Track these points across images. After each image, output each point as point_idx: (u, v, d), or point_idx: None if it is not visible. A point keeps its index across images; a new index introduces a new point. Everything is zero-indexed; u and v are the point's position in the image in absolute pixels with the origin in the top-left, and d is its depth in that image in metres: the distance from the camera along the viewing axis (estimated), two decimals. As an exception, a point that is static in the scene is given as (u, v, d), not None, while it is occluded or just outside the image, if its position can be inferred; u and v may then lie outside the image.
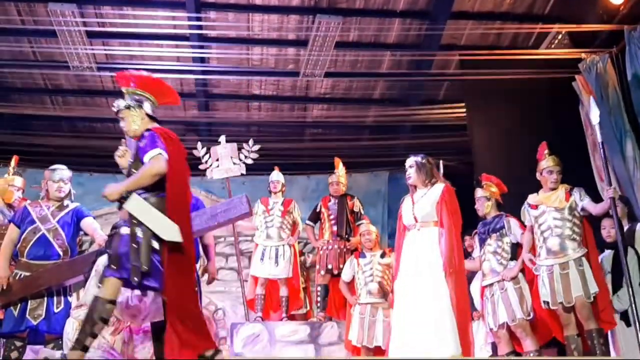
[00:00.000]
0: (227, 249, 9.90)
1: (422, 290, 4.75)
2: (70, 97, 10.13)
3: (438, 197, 4.94)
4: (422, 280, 4.78)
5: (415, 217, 4.99)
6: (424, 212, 4.96)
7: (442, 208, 4.89)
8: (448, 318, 4.63)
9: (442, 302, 4.67)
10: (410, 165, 5.18)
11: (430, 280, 4.76)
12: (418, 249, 4.91)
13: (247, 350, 6.65)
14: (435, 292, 4.71)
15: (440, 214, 4.89)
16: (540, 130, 7.58)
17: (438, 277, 4.76)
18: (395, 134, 10.42)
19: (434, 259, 4.82)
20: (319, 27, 8.45)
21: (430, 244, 4.88)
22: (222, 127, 10.13)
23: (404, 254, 5.02)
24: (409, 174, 5.17)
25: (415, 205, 5.02)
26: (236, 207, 4.63)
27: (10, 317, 4.89)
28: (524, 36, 8.96)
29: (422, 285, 4.77)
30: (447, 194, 4.94)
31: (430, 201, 4.97)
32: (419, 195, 5.08)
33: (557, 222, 5.37)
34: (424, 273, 4.80)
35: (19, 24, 8.58)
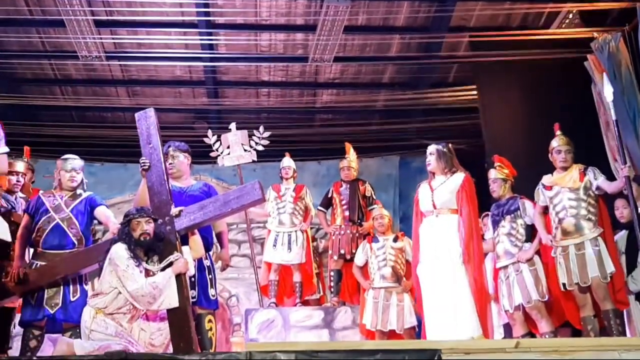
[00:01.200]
0: (239, 235, 9.92)
1: (441, 275, 4.88)
2: (79, 86, 10.14)
3: (458, 186, 5.10)
4: (441, 265, 4.91)
5: (434, 204, 5.10)
6: (443, 199, 5.09)
7: (462, 197, 5.04)
8: (468, 301, 4.77)
9: (461, 287, 4.81)
10: (431, 153, 5.30)
11: (450, 266, 4.89)
12: (437, 235, 5.03)
13: (262, 335, 6.68)
14: (454, 277, 4.84)
15: (460, 202, 5.03)
16: (552, 111, 7.53)
17: (457, 262, 4.89)
18: (406, 118, 10.36)
19: (453, 245, 4.95)
20: (328, 12, 8.39)
21: (449, 231, 5.00)
22: (232, 114, 10.12)
23: (423, 240, 5.13)
24: (429, 160, 5.29)
25: (434, 192, 5.13)
26: (249, 194, 4.62)
27: (27, 307, 4.92)
28: (534, 16, 8.86)
29: (441, 270, 4.89)
30: (467, 183, 5.11)
31: (450, 189, 5.11)
32: (437, 182, 5.20)
33: (572, 202, 5.34)
34: (442, 258, 4.93)
35: (27, 14, 8.58)
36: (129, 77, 9.93)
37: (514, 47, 8.01)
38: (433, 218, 5.12)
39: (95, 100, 10.10)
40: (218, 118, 10.45)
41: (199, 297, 4.77)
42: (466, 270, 4.89)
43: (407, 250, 6.50)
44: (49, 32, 8.91)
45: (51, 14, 8.45)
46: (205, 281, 4.84)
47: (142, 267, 4.34)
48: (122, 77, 9.90)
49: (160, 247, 4.43)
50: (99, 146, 9.86)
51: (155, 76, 9.94)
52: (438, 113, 9.92)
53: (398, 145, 10.49)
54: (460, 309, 4.76)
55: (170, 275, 4.30)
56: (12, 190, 5.57)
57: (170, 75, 9.94)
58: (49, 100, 10.04)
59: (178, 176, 5.04)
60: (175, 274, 4.33)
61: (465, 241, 4.94)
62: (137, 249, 4.33)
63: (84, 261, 4.82)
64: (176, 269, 4.34)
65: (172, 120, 10.29)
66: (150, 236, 4.37)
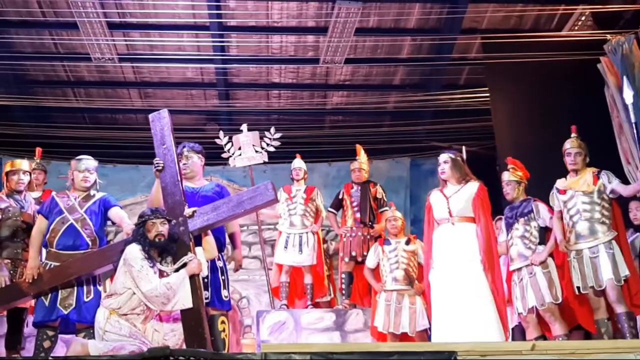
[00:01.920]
0: (250, 237, 9.93)
1: (462, 282, 4.99)
2: (92, 88, 10.20)
3: (474, 194, 5.21)
4: (461, 272, 5.01)
5: (450, 212, 5.19)
6: (459, 207, 5.19)
7: (478, 205, 5.15)
8: (492, 308, 4.91)
9: (484, 294, 4.95)
10: (445, 161, 5.36)
11: (470, 273, 5.00)
12: (454, 243, 5.12)
13: (273, 337, 6.68)
14: (476, 284, 4.96)
15: (477, 211, 5.14)
16: (564, 113, 7.50)
17: (477, 269, 5.01)
18: (417, 120, 10.35)
19: (471, 252, 5.06)
20: (339, 13, 8.41)
21: (467, 238, 5.11)
22: (243, 115, 10.16)
23: (438, 247, 5.22)
24: (443, 169, 5.36)
25: (449, 200, 5.22)
26: (262, 194, 4.63)
27: (41, 307, 4.94)
28: (546, 18, 8.84)
29: (461, 277, 5.00)
30: (482, 192, 5.22)
31: (465, 197, 5.21)
32: (451, 190, 5.29)
33: (586, 206, 5.33)
34: (461, 265, 5.03)
35: (40, 16, 8.64)
36: (141, 79, 9.97)
37: (526, 49, 7.99)
38: (449, 226, 5.20)
39: (107, 102, 10.15)
40: (229, 120, 10.48)
41: (212, 298, 4.77)
42: (487, 278, 5.00)
43: (419, 253, 6.49)
44: (62, 35, 8.98)
45: (64, 16, 8.51)
46: (218, 282, 4.84)
47: (156, 268, 4.35)
48: (134, 79, 9.95)
49: (174, 248, 4.44)
50: (110, 148, 9.90)
51: (167, 78, 9.99)
52: (449, 115, 9.91)
53: (409, 147, 10.48)
54: (485, 317, 4.87)
55: (184, 276, 4.31)
56: (17, 189, 5.56)
57: (181, 77, 9.98)
58: (62, 102, 10.10)
59: (191, 177, 5.05)
60: (189, 274, 4.34)
61: (485, 250, 5.05)
62: (151, 249, 4.35)
63: (98, 262, 4.83)
64: (190, 270, 4.35)
65: (183, 121, 10.32)
66: (165, 237, 4.39)
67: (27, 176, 5.65)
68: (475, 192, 5.21)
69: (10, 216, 5.41)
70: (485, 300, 4.95)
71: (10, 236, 5.39)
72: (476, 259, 5.07)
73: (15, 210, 5.45)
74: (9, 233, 5.39)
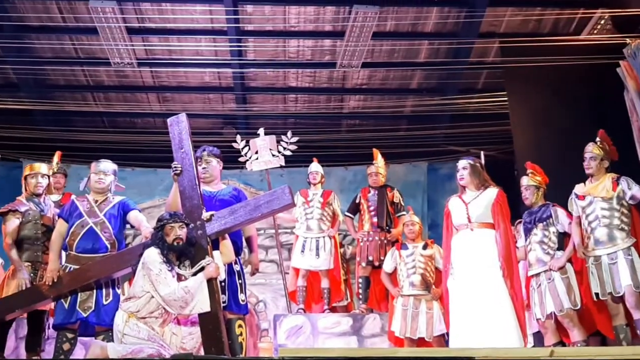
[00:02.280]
0: (267, 241, 9.94)
1: (480, 288, 5.00)
2: (111, 93, 10.29)
3: (493, 199, 5.22)
4: (480, 278, 5.03)
5: (469, 218, 5.20)
6: (478, 213, 5.20)
7: (497, 211, 5.16)
8: (511, 314, 4.91)
9: (503, 300, 4.95)
10: (464, 167, 5.37)
11: (489, 278, 5.01)
12: (472, 249, 5.13)
13: (290, 341, 6.68)
14: (495, 289, 4.97)
15: (496, 217, 5.15)
16: (583, 117, 7.45)
17: (496, 275, 5.02)
18: (434, 124, 10.33)
19: (490, 258, 5.07)
20: (356, 18, 8.42)
21: (486, 244, 5.12)
22: (260, 119, 10.20)
23: (456, 253, 5.23)
24: (462, 175, 5.37)
25: (468, 206, 5.23)
26: (279, 198, 4.63)
27: (61, 310, 4.98)
28: (565, 22, 8.80)
29: (480, 283, 5.01)
30: (501, 198, 5.22)
31: (485, 203, 5.22)
32: (469, 196, 5.30)
33: (605, 212, 5.30)
34: (480, 271, 5.04)
35: (61, 21, 8.75)
36: (159, 83, 10.05)
37: (544, 53, 7.94)
38: (467, 232, 5.21)
39: (126, 106, 10.23)
40: (246, 123, 10.52)
41: (229, 301, 4.78)
42: (506, 284, 5.00)
43: (436, 257, 6.48)
44: (82, 39, 9.07)
45: (84, 21, 8.61)
46: (235, 286, 4.85)
47: (175, 271, 4.37)
48: (152, 84, 10.03)
49: (192, 251, 4.46)
50: (129, 151, 9.98)
51: (185, 82, 10.06)
52: (467, 119, 9.87)
53: (426, 151, 10.45)
54: (504, 323, 4.88)
55: (202, 279, 4.33)
56: (36, 192, 5.61)
57: (199, 81, 10.04)
58: (81, 106, 10.21)
59: (210, 181, 5.07)
60: (207, 278, 4.36)
61: (504, 256, 5.05)
62: (170, 253, 4.37)
63: (117, 265, 4.87)
64: (208, 274, 4.37)
65: (201, 125, 10.38)
66: (183, 241, 4.41)
67: (46, 179, 5.70)
68: (495, 197, 5.22)
69: (30, 219, 5.46)
70: (504, 306, 4.95)
71: (30, 239, 5.44)
72: (495, 265, 5.06)
73: (35, 213, 5.50)
74: (29, 236, 5.44)
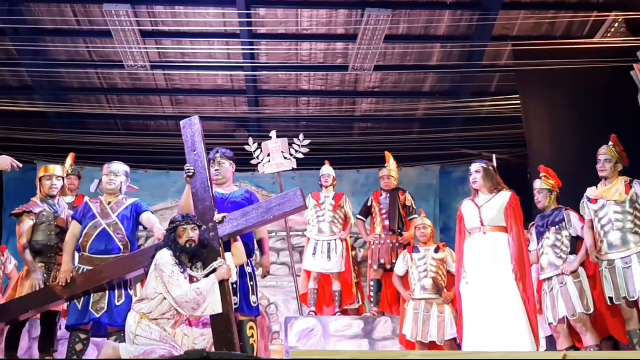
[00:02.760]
0: (278, 244, 9.97)
1: (493, 291, 4.97)
2: (124, 95, 10.36)
3: (506, 203, 5.19)
4: (492, 282, 5.00)
5: (482, 221, 5.18)
6: (490, 216, 5.18)
7: (510, 214, 5.13)
8: (523, 318, 4.88)
9: (515, 304, 4.92)
10: (477, 171, 5.35)
11: (501, 282, 4.98)
12: (485, 252, 5.10)
13: (302, 344, 6.69)
14: (507, 293, 4.94)
15: (509, 220, 5.12)
16: (596, 120, 7.41)
17: (508, 278, 4.99)
18: (447, 127, 10.30)
19: (503, 262, 5.04)
20: (368, 21, 8.43)
21: (498, 248, 5.08)
22: (272, 122, 10.22)
23: (469, 257, 5.20)
24: (475, 178, 5.35)
25: (481, 210, 5.21)
26: (291, 201, 4.64)
27: (74, 311, 5.03)
28: (578, 25, 8.75)
29: (492, 287, 4.99)
30: (514, 201, 5.19)
31: (497, 206, 5.19)
32: (482, 200, 5.28)
33: (617, 215, 5.26)
34: (493, 275, 5.02)
35: (75, 25, 8.82)
36: (172, 86, 10.10)
37: (558, 56, 7.91)
38: (480, 235, 5.18)
39: (139, 109, 10.30)
40: (258, 126, 10.55)
41: (241, 303, 4.79)
42: (518, 288, 4.97)
43: (448, 261, 6.45)
44: (96, 43, 9.15)
45: (98, 24, 8.67)
46: (247, 288, 4.87)
47: (187, 273, 4.39)
48: (166, 86, 10.09)
49: (204, 253, 4.48)
50: (142, 154, 10.04)
51: (198, 85, 10.10)
52: (480, 122, 9.83)
53: (439, 154, 10.42)
54: (516, 327, 4.85)
55: (214, 281, 4.35)
56: (51, 194, 5.65)
57: (212, 84, 10.09)
58: (95, 108, 10.29)
59: (222, 183, 5.09)
60: (219, 280, 4.38)
61: (517, 259, 5.02)
62: (182, 255, 4.39)
63: (129, 266, 4.90)
64: (220, 276, 4.39)
65: (213, 128, 10.42)
66: (196, 243, 4.43)
67: (61, 181, 5.74)
68: (508, 201, 5.19)
69: (44, 221, 5.50)
70: (516, 310, 4.92)
71: (44, 240, 5.48)
72: (508, 269, 5.04)
73: (49, 215, 5.53)
74: (43, 237, 5.47)
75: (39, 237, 5.47)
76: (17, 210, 5.58)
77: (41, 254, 5.46)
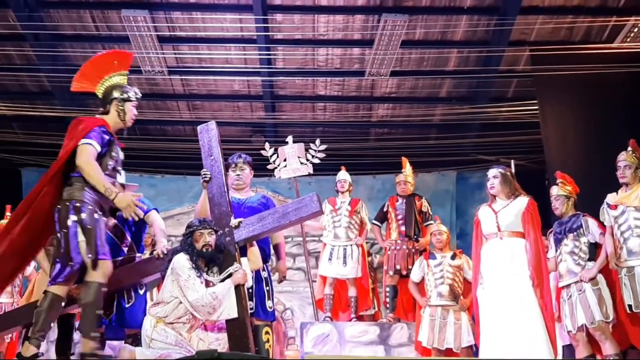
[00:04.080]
0: (294, 249, 9.97)
1: (510, 298, 4.94)
2: (142, 100, 10.33)
3: (523, 208, 5.16)
4: (509, 288, 4.97)
5: (498, 226, 5.15)
6: (507, 221, 5.15)
7: (528, 220, 5.10)
8: (540, 325, 4.84)
9: (533, 311, 4.89)
10: (495, 176, 5.32)
11: (518, 288, 4.95)
12: (502, 258, 5.07)
13: (317, 349, 6.66)
14: (524, 299, 4.91)
15: (527, 226, 5.09)
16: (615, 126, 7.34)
17: (526, 284, 4.96)
18: (463, 133, 10.26)
19: (520, 267, 5.01)
20: (385, 26, 8.43)
21: (515, 253, 5.05)
22: (288, 127, 10.24)
23: (486, 262, 5.17)
24: (493, 184, 5.32)
25: (498, 215, 5.18)
26: (307, 206, 4.63)
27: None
28: (597, 30, 8.69)
29: (509, 293, 4.95)
30: (532, 206, 5.16)
31: (515, 212, 5.17)
32: (499, 205, 5.25)
33: (637, 222, 5.20)
34: (510, 281, 4.99)
35: (94, 30, 8.92)
36: (189, 91, 10.16)
37: (576, 61, 7.86)
38: (497, 240, 5.15)
39: (156, 114, 10.35)
40: (275, 131, 10.58)
41: (257, 308, 4.80)
42: (536, 294, 4.94)
43: (465, 268, 6.41)
44: (114, 48, 9.20)
45: (116, 30, 8.75)
46: (262, 293, 4.87)
47: (203, 277, 4.40)
48: (183, 92, 10.14)
49: (220, 258, 4.49)
50: (159, 158, 10.10)
51: (215, 90, 10.15)
52: (497, 128, 9.78)
53: (455, 160, 10.38)
54: (534, 334, 4.80)
55: (230, 286, 4.35)
56: None
57: (229, 89, 10.12)
58: (113, 113, 10.33)
59: (242, 188, 5.08)
60: (235, 285, 4.38)
61: (534, 265, 4.99)
62: (198, 259, 4.40)
63: (146, 270, 4.91)
64: (235, 280, 4.39)
65: (230, 133, 10.46)
66: (212, 247, 4.44)
67: None
68: (525, 206, 5.16)
69: None
70: (533, 317, 4.88)
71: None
72: (525, 274, 5.00)
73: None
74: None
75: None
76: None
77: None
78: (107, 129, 4.41)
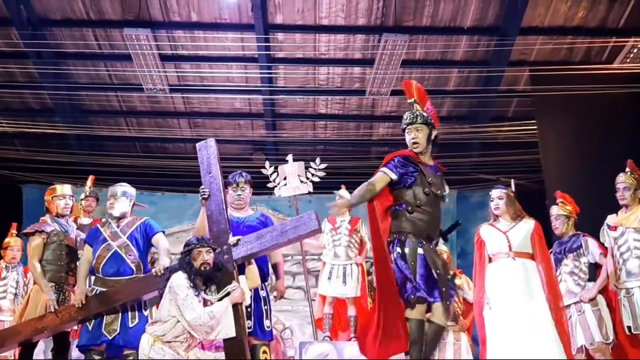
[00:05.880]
0: (294, 267, 9.93)
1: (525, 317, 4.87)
2: (143, 118, 10.47)
3: (532, 230, 5.13)
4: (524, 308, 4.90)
5: (510, 246, 5.11)
6: (518, 241, 5.11)
7: (537, 242, 5.08)
8: (557, 348, 4.77)
9: (550, 333, 4.81)
10: (500, 197, 5.29)
11: (535, 310, 4.88)
12: (516, 277, 5.02)
13: (316, 369, 6.62)
14: (541, 322, 4.84)
15: (536, 247, 5.07)
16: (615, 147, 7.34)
17: (542, 306, 4.90)
18: (464, 152, 10.27)
19: (534, 287, 4.95)
20: (385, 46, 8.47)
21: (528, 273, 5.01)
22: (289, 146, 10.25)
23: (495, 282, 5.11)
24: (498, 204, 5.29)
25: (508, 235, 5.15)
26: (306, 224, 4.61)
27: (85, 331, 5.01)
28: (597, 50, 8.74)
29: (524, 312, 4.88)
30: (539, 229, 5.15)
31: (524, 233, 5.13)
32: (505, 225, 5.23)
33: (637, 243, 5.20)
34: (524, 300, 4.93)
35: (96, 48, 8.98)
36: (190, 109, 10.20)
37: (575, 81, 7.89)
38: (508, 260, 5.09)
39: (158, 132, 10.40)
40: (275, 150, 10.60)
41: (254, 327, 4.76)
42: (552, 316, 4.88)
43: (465, 288, 6.38)
44: (116, 66, 9.29)
45: (119, 48, 8.81)
46: (260, 312, 4.84)
47: (201, 296, 4.38)
48: (184, 109, 10.19)
49: (218, 276, 4.47)
50: (160, 176, 10.11)
51: (216, 108, 10.19)
52: (497, 147, 9.80)
53: (456, 179, 10.36)
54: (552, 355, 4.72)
55: (228, 305, 4.33)
56: (63, 214, 5.67)
57: (230, 107, 10.17)
58: (115, 131, 10.40)
59: (242, 207, 5.07)
60: (233, 303, 4.36)
61: (549, 287, 4.95)
62: (196, 278, 4.38)
63: (144, 288, 4.89)
64: (233, 299, 4.37)
65: (230, 151, 10.48)
66: (210, 266, 4.41)
67: (72, 201, 5.78)
68: (534, 228, 5.14)
69: (55, 240, 5.51)
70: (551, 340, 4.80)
71: (54, 259, 5.46)
72: (541, 296, 4.93)
73: (59, 233, 5.53)
74: (53, 256, 5.47)
75: (48, 256, 5.47)
76: (28, 229, 5.61)
77: (50, 273, 5.46)
78: None
